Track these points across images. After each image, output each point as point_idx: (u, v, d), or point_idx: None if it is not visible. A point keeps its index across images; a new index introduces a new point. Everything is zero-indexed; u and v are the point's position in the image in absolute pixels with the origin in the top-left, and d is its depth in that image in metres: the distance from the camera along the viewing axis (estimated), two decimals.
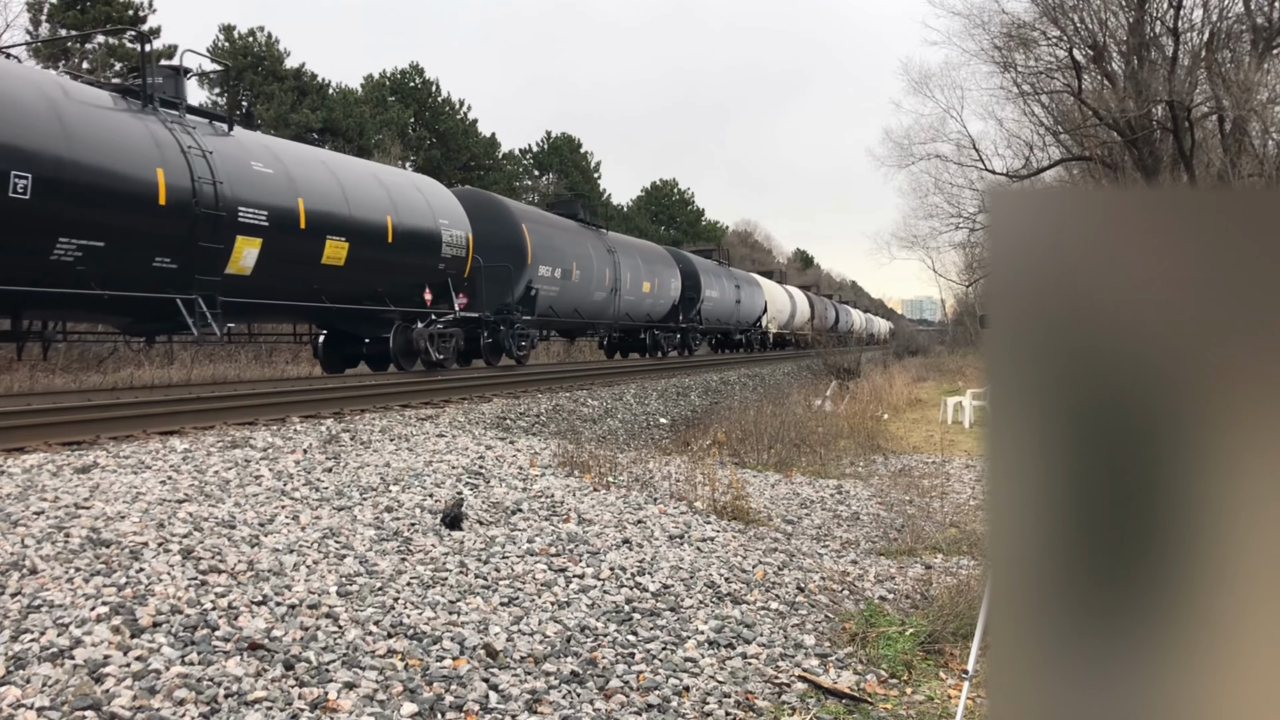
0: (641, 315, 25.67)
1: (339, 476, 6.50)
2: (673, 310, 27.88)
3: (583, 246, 21.66)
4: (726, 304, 33.01)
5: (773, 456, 11.78)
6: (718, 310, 32.07)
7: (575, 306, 21.23)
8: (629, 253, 25.07)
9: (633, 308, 24.91)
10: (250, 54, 36.20)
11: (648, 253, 27.04)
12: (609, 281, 22.83)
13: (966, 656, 3.61)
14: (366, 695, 3.37)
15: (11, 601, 3.66)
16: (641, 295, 25.20)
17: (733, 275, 34.96)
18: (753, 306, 36.87)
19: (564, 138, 55.74)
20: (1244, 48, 23.24)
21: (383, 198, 14.55)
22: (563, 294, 20.15)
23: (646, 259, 26.22)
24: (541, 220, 20.69)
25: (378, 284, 14.37)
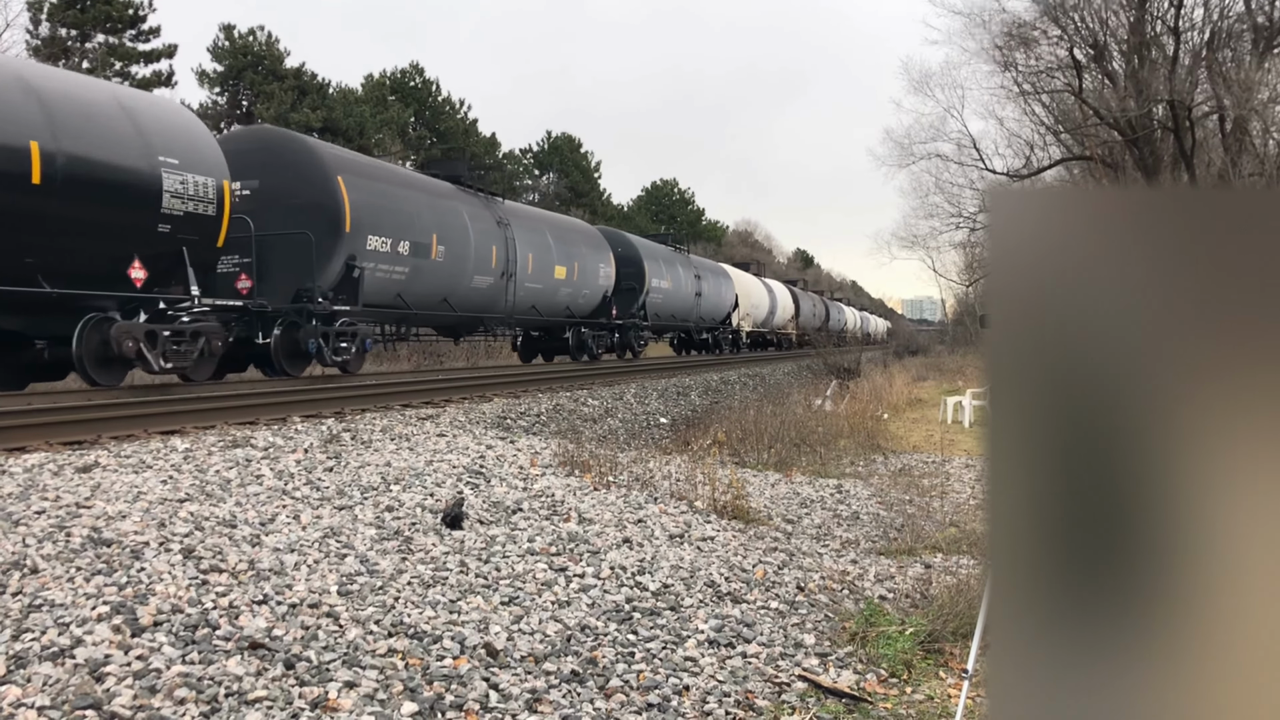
0: (556, 309, 20.37)
1: (340, 476, 6.50)
2: (604, 303, 22.55)
3: (450, 215, 16.01)
4: (683, 297, 27.94)
5: (773, 456, 11.78)
6: (671, 304, 27.01)
7: (443, 295, 15.88)
8: (533, 228, 19.42)
9: (542, 299, 19.51)
10: (250, 53, 36.20)
11: (564, 230, 21.40)
12: (497, 263, 17.24)
13: (966, 656, 3.61)
14: (367, 694, 3.38)
15: (12, 601, 3.66)
16: (554, 283, 19.85)
17: (693, 264, 29.84)
18: (719, 301, 31.84)
19: (564, 137, 55.77)
20: (1245, 47, 23.24)
21: (30, 112, 9.22)
22: (415, 277, 14.88)
23: (562, 237, 20.65)
24: (372, 173, 14.64)
25: (27, 252, 9.31)
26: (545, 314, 20.04)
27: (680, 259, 28.84)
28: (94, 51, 31.44)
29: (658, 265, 26.02)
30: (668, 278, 26.73)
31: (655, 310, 25.83)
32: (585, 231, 23.23)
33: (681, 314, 28.51)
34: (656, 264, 25.93)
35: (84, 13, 31.01)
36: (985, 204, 0.63)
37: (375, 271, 13.91)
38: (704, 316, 30.72)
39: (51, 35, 30.65)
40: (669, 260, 27.53)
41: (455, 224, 16.16)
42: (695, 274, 29.40)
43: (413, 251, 14.79)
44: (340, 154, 14.80)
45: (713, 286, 31.21)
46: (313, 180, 13.11)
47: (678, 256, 28.89)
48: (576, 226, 23.29)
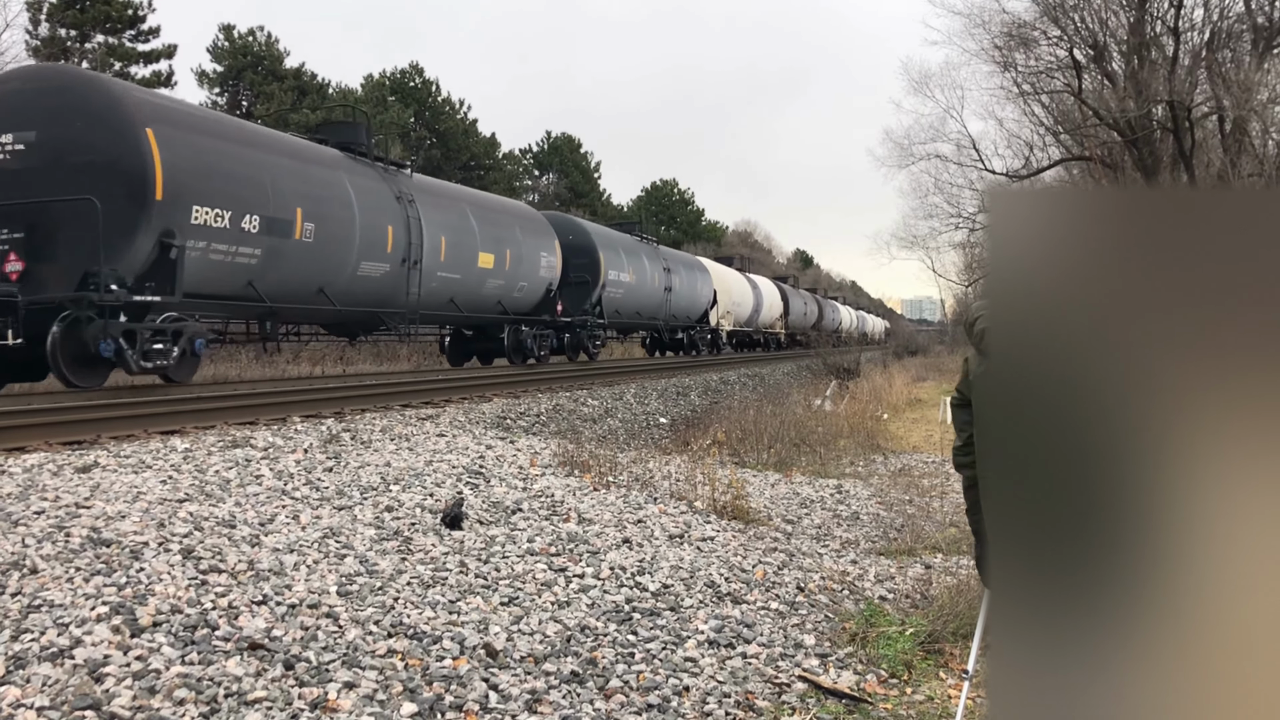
0: (483, 304, 17.32)
1: (339, 476, 6.50)
2: (548, 298, 19.50)
3: (326, 186, 12.97)
4: (649, 292, 24.80)
5: (773, 456, 11.78)
6: (635, 300, 23.74)
7: (317, 285, 12.87)
8: (448, 206, 16.19)
9: (463, 292, 16.38)
10: (250, 53, 36.21)
11: (492, 211, 17.93)
12: (395, 247, 14.23)
13: (966, 656, 3.61)
14: (366, 695, 3.37)
15: (12, 601, 3.66)
16: (478, 274, 16.71)
17: (662, 256, 26.68)
18: (694, 297, 28.88)
19: (564, 138, 55.79)
20: (1244, 47, 23.24)
21: None
22: (273, 262, 11.89)
23: (489, 219, 17.33)
24: (201, 127, 11.51)
25: None
26: (468, 309, 16.79)
27: (647, 250, 25.62)
28: (94, 52, 31.43)
29: (617, 256, 22.59)
30: (630, 270, 23.30)
31: (615, 306, 22.53)
32: (522, 214, 19.49)
33: (649, 311, 25.37)
34: (615, 254, 22.55)
35: (83, 13, 31.01)
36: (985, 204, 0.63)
37: (209, 253, 10.91)
38: (675, 314, 27.63)
39: (51, 35, 30.65)
40: (632, 251, 24.13)
41: (332, 197, 12.96)
42: (665, 267, 26.35)
43: (266, 229, 11.62)
44: (153, 100, 11.29)
45: (686, 281, 28.28)
46: (108, 131, 10.02)
47: (643, 247, 25.49)
48: (511, 208, 19.61)
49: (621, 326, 25.69)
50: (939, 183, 29.56)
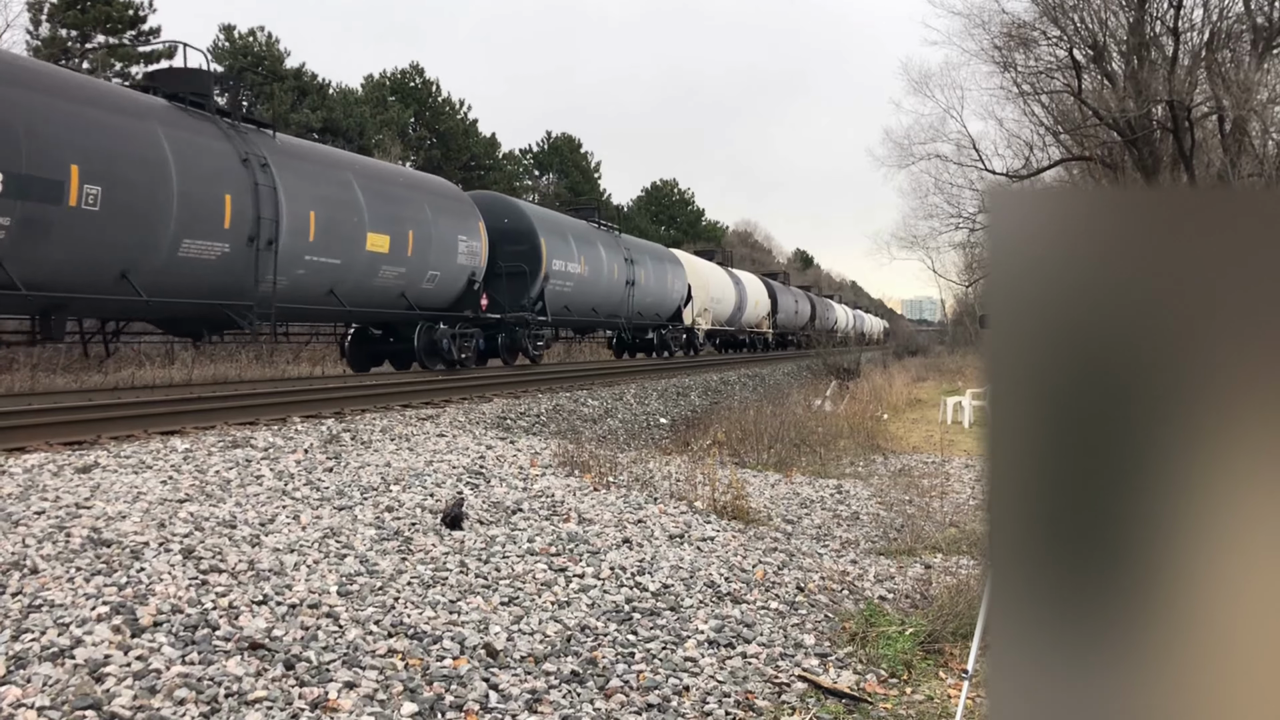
0: (381, 297, 14.35)
1: (340, 476, 6.50)
2: (470, 291, 16.45)
3: (127, 140, 10.16)
4: (607, 286, 21.77)
5: (773, 456, 11.78)
6: (588, 294, 20.73)
7: (118, 268, 10.05)
8: (322, 174, 13.03)
9: (347, 281, 13.25)
10: (250, 54, 36.21)
11: (388, 183, 14.69)
12: (236, 221, 11.30)
13: (966, 656, 3.61)
14: (367, 695, 3.38)
15: (12, 601, 3.66)
16: (366, 259, 13.50)
17: (623, 245, 23.70)
18: (663, 293, 25.85)
19: (564, 138, 55.78)
20: (1244, 48, 23.25)
21: None
22: (34, 237, 9.05)
23: (384, 193, 14.14)
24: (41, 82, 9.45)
25: None
26: (356, 303, 13.60)
27: (605, 238, 22.54)
28: (94, 52, 31.44)
29: (564, 243, 19.54)
30: (582, 260, 20.11)
31: (563, 302, 19.45)
32: (433, 189, 16.13)
33: (608, 307, 22.16)
34: (562, 242, 19.52)
35: (84, 13, 31.01)
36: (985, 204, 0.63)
37: None
38: (642, 311, 24.54)
39: (52, 36, 30.65)
40: (585, 238, 20.99)
41: (133, 155, 10.08)
42: (626, 257, 23.25)
43: (17, 191, 8.72)
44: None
45: (654, 274, 25.06)
46: None
47: (600, 235, 22.36)
48: (417, 181, 16.25)
49: (573, 325, 22.16)
50: (939, 183, 29.59)
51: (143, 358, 16.42)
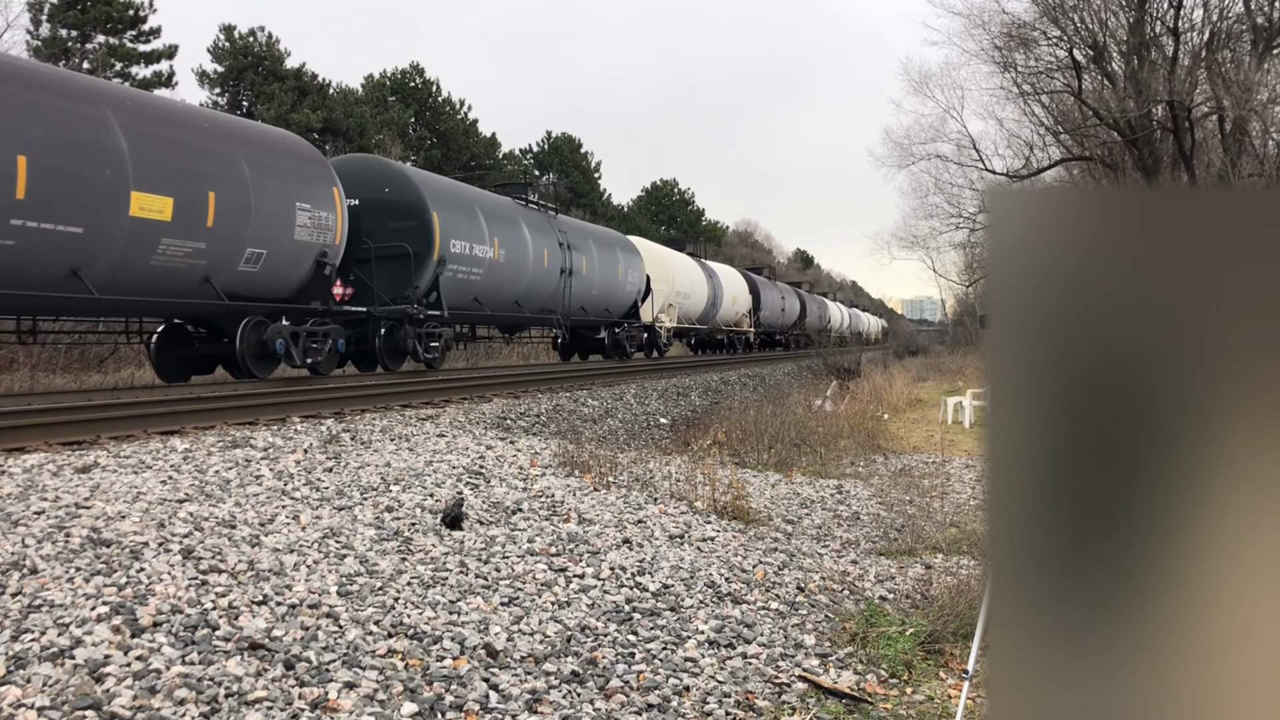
0: (174, 282, 10.73)
1: (339, 476, 6.50)
2: (319, 276, 12.67)
3: None
4: (534, 276, 18.17)
5: (773, 456, 11.78)
6: (506, 284, 17.26)
7: None
8: (64, 114, 9.34)
9: (102, 258, 9.70)
10: (250, 54, 36.22)
11: (177, 128, 10.91)
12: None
13: (966, 656, 3.61)
14: (367, 695, 3.38)
15: (12, 601, 3.66)
16: (130, 228, 9.90)
17: (558, 228, 19.86)
18: (613, 285, 22.09)
19: (564, 138, 55.80)
20: (1244, 48, 23.25)
21: None
22: None
23: (174, 144, 10.61)
24: None
25: None
26: (116, 290, 10.09)
27: (531, 218, 18.76)
28: (94, 52, 31.44)
29: (468, 221, 15.85)
30: (495, 243, 16.51)
31: (471, 292, 16.04)
32: (257, 140, 12.13)
33: (537, 301, 18.61)
34: (467, 219, 15.83)
35: (84, 13, 31.02)
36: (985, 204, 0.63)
37: None
38: (586, 306, 20.71)
39: (52, 36, 30.66)
40: (501, 216, 17.29)
41: None
42: (562, 242, 19.44)
43: None
44: None
45: (600, 263, 21.19)
46: None
47: (526, 214, 18.73)
48: (230, 128, 12.07)
49: (486, 321, 18.37)
50: (939, 183, 29.60)
51: (143, 358, 16.42)
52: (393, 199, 14.80)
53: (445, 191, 16.21)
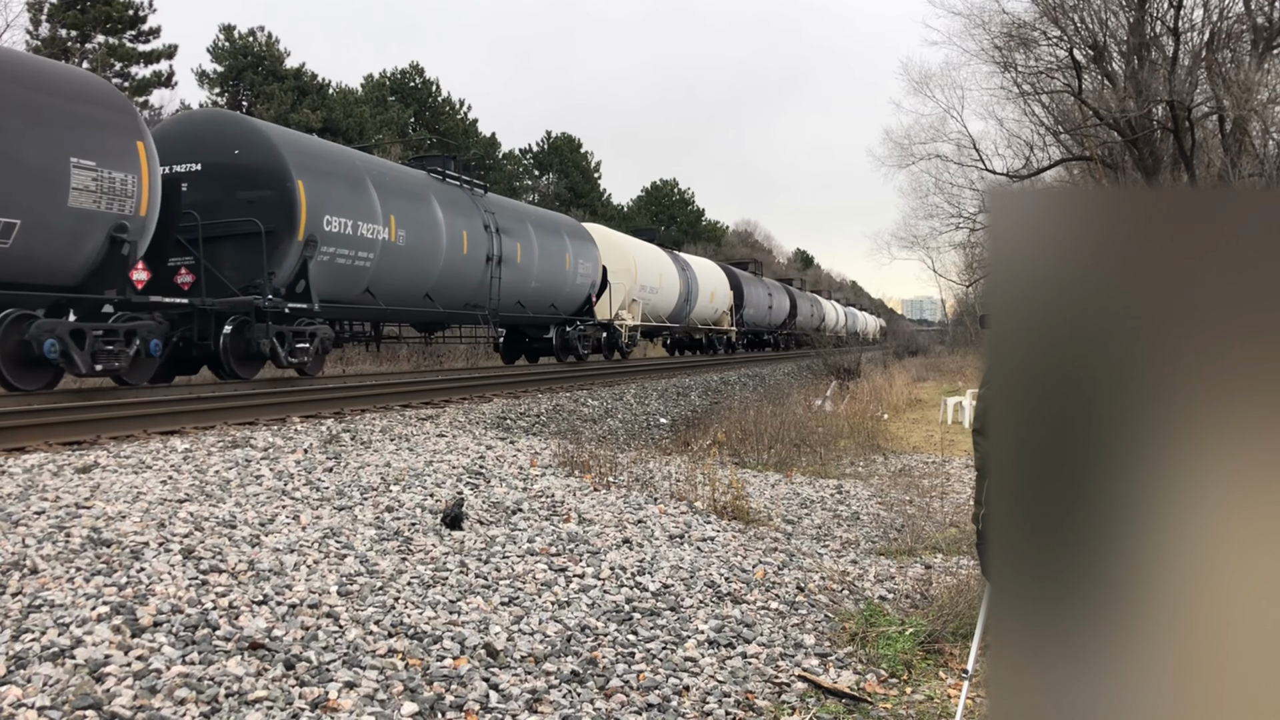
0: None
1: (339, 476, 6.50)
2: (113, 257, 9.88)
3: None
4: (448, 264, 15.01)
5: (773, 456, 11.79)
6: (407, 274, 14.16)
7: None
8: None
9: None
10: (250, 54, 36.23)
11: None
12: None
13: (966, 656, 3.61)
14: (367, 695, 3.38)
15: (12, 601, 3.66)
16: None
17: (484, 208, 16.70)
18: (557, 277, 18.91)
19: (564, 138, 55.81)
20: (1244, 48, 23.26)
21: None
22: None
23: None
24: None
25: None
26: None
27: (448, 194, 15.59)
28: (94, 52, 31.44)
29: (352, 194, 12.89)
30: (391, 221, 13.47)
31: (358, 282, 13.14)
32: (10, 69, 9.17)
33: (458, 294, 15.60)
34: (348, 191, 12.84)
35: (84, 13, 31.02)
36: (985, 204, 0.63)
37: None
38: (523, 300, 17.74)
39: (52, 36, 30.66)
40: (403, 190, 14.29)
41: None
42: (488, 224, 16.34)
43: None
44: None
45: (541, 251, 18.12)
46: None
47: (440, 189, 15.50)
48: None
49: (384, 317, 15.00)
50: (939, 183, 29.61)
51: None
52: (244, 163, 11.84)
53: (318, 156, 12.97)
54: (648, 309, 24.59)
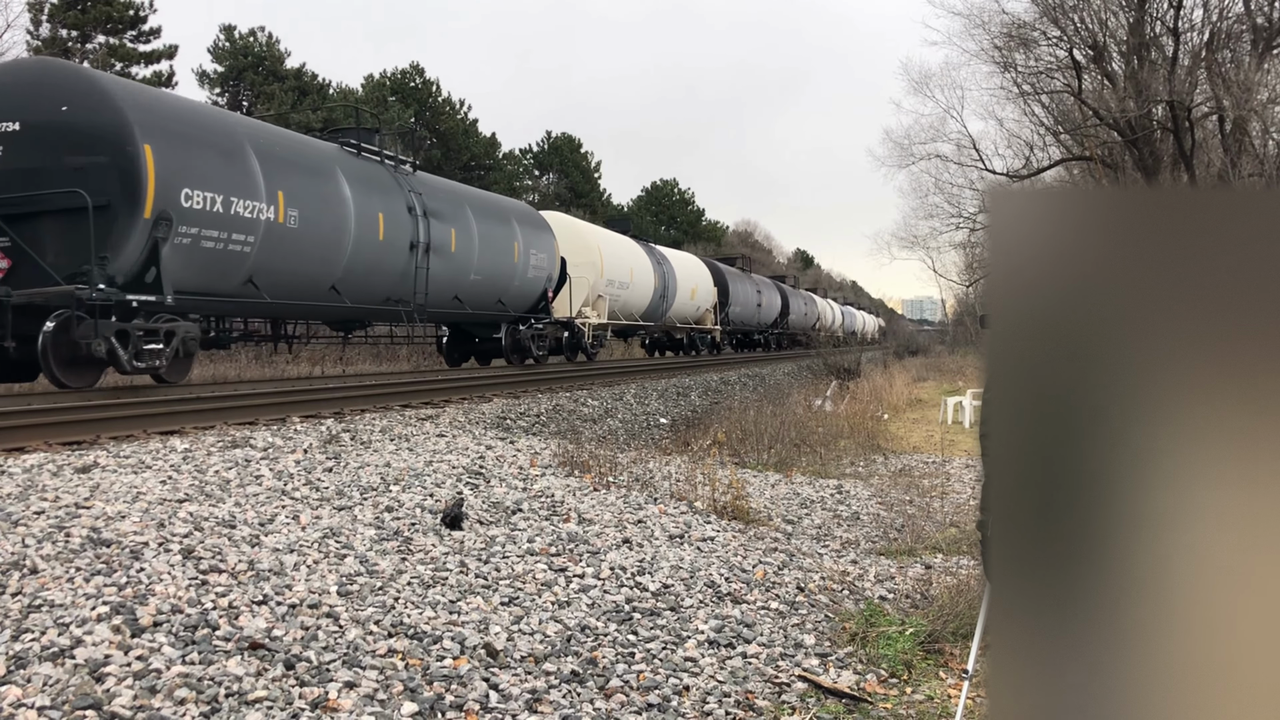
0: None
1: (339, 476, 6.50)
2: None
3: None
4: (353, 254, 12.72)
5: (773, 456, 11.78)
6: (298, 264, 11.93)
7: None
8: None
9: None
10: (251, 54, 36.23)
11: None
12: None
13: (966, 656, 3.61)
14: (367, 695, 3.38)
15: (12, 601, 3.66)
16: None
17: (413, 188, 14.44)
18: (503, 269, 16.62)
19: (564, 138, 55.79)
20: (1244, 48, 23.25)
21: None
22: None
23: None
24: None
25: None
26: None
27: (359, 169, 13.28)
28: (95, 52, 31.44)
29: (228, 166, 10.76)
30: (277, 200, 11.32)
31: (239, 271, 11.04)
32: None
33: (375, 288, 13.37)
34: (222, 161, 10.72)
35: (84, 13, 31.02)
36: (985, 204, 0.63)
37: None
38: (464, 297, 15.53)
39: (52, 36, 30.66)
40: (297, 164, 12.02)
41: None
42: (414, 206, 14.06)
43: None
44: None
45: (482, 239, 15.78)
46: None
47: (350, 163, 13.17)
48: None
49: (273, 313, 12.77)
50: (939, 183, 29.61)
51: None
52: (72, 122, 9.56)
53: (176, 117, 10.54)
54: (617, 306, 22.34)
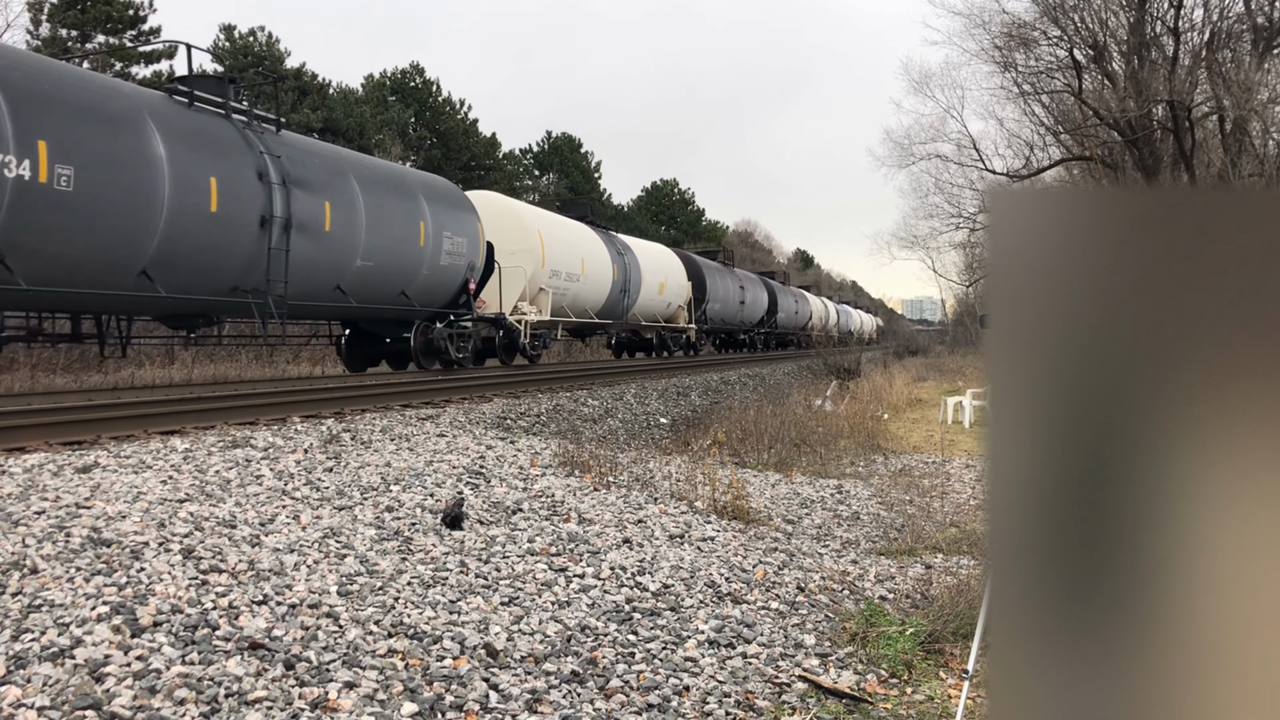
0: None
1: (340, 476, 6.50)
2: None
3: None
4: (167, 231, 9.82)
5: (773, 456, 11.78)
6: (86, 246, 8.97)
7: None
8: None
9: None
10: (251, 54, 36.22)
11: None
12: None
13: (966, 656, 3.61)
14: (367, 695, 3.38)
15: (12, 601, 3.66)
16: None
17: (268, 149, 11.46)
18: (405, 255, 14.10)
19: (564, 138, 55.80)
20: (1244, 48, 23.25)
21: None
22: None
23: None
24: None
25: None
26: None
27: (188, 122, 10.65)
28: (95, 52, 31.43)
29: None
30: (25, 150, 8.37)
31: None
32: None
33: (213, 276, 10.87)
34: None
35: (84, 13, 31.01)
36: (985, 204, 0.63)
37: None
38: (349, 288, 13.04)
39: (52, 36, 30.66)
40: (62, 104, 8.91)
41: None
42: (263, 171, 11.30)
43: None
44: None
45: (373, 215, 13.20)
46: None
47: (172, 114, 10.44)
48: None
49: (40, 304, 10.14)
50: (939, 183, 29.63)
51: (143, 357, 16.40)
52: None
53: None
54: (565, 301, 19.23)
